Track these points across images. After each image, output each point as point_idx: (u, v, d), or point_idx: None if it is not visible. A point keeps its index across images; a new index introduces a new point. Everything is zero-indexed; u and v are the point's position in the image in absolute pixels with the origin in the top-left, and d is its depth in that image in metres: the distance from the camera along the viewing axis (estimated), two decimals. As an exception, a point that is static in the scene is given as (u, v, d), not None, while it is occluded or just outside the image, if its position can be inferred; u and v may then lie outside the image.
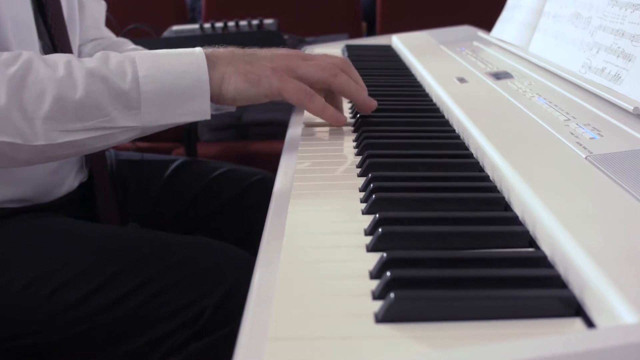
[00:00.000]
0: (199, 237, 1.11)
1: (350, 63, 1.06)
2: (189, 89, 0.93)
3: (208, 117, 0.95)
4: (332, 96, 1.07)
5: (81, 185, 1.26)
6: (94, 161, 1.26)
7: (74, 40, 1.23)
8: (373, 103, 1.06)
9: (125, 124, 0.92)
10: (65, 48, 1.16)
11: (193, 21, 3.30)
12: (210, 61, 0.95)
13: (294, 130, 1.08)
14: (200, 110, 0.95)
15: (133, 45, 1.36)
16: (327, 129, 1.07)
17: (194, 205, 1.39)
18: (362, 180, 0.81)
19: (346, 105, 1.20)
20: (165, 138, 2.82)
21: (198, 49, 0.97)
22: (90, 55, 1.21)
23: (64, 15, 1.18)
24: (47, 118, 0.88)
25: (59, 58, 0.92)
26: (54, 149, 0.91)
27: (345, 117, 1.03)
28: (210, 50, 0.98)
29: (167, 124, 0.95)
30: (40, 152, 0.91)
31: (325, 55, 1.05)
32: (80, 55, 1.31)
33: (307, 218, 0.71)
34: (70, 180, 1.22)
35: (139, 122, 0.93)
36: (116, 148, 1.39)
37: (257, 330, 0.51)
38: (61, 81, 0.89)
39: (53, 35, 1.14)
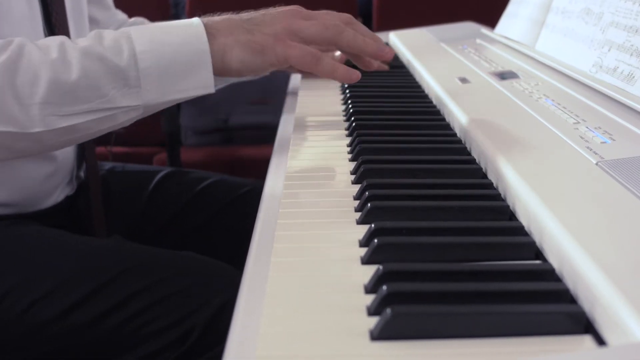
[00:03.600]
0: (186, 252, 1.11)
1: (354, 19, 1.07)
2: (190, 62, 0.94)
3: (212, 90, 0.97)
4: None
5: (67, 198, 1.26)
6: (88, 167, 1.26)
7: (81, 35, 1.25)
8: (389, 52, 1.07)
9: (126, 104, 0.93)
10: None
11: (176, 17, 3.30)
12: (209, 33, 0.96)
13: (284, 133, 1.08)
14: (203, 84, 0.96)
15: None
16: (320, 131, 1.07)
17: (180, 219, 1.39)
18: (356, 187, 0.81)
19: (341, 108, 1.20)
20: (147, 143, 2.82)
21: (196, 19, 0.98)
22: None
23: (67, 12, 1.20)
24: (44, 103, 0.89)
25: (51, 41, 0.93)
26: (53, 136, 0.92)
27: (359, 74, 1.04)
28: (207, 19, 0.98)
29: (170, 100, 0.96)
30: (39, 140, 0.92)
31: (327, 12, 1.06)
32: None
33: (297, 228, 0.70)
34: (58, 192, 1.22)
35: (140, 100, 0.94)
36: (98, 158, 1.39)
37: (244, 348, 0.51)
38: (54, 63, 0.90)
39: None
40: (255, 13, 1.02)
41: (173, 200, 1.40)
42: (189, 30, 0.96)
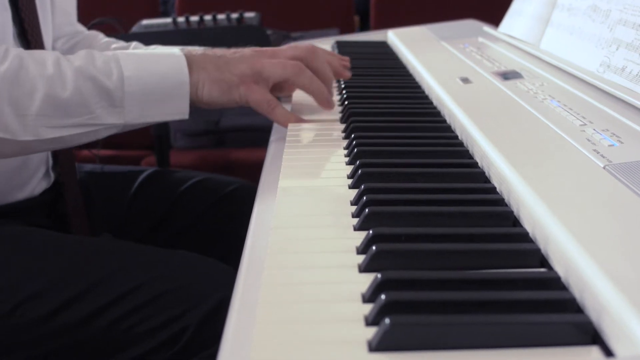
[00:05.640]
0: (179, 250, 1.12)
1: (316, 49, 1.20)
2: (171, 90, 1.07)
3: (186, 116, 1.09)
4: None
5: (45, 193, 1.26)
6: (62, 163, 1.27)
7: (47, 33, 1.27)
8: (330, 105, 1.17)
9: (109, 121, 1.05)
10: (38, 40, 1.20)
11: (165, 15, 3.30)
12: (189, 65, 1.08)
13: (278, 135, 1.08)
14: (180, 110, 1.09)
15: (105, 39, 1.44)
16: (315, 133, 1.08)
17: (166, 220, 1.39)
18: (354, 192, 0.81)
19: (338, 109, 1.20)
20: (135, 146, 2.82)
21: (177, 51, 1.11)
22: (63, 50, 1.35)
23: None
24: (38, 114, 0.99)
25: (46, 55, 1.03)
26: (39, 144, 1.03)
27: (299, 119, 1.14)
28: (187, 52, 1.11)
29: (148, 121, 1.08)
30: (26, 146, 1.02)
31: (290, 48, 1.19)
32: (53, 50, 1.37)
33: (292, 235, 0.70)
34: (32, 184, 1.23)
35: (122, 119, 1.05)
36: (80, 160, 1.40)
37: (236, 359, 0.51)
38: (51, 79, 1.00)
39: (25, 30, 1.18)
40: (227, 51, 1.15)
41: (158, 201, 1.41)
42: (172, 60, 1.08)
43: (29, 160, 1.21)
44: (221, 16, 2.29)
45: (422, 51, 1.52)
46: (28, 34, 1.18)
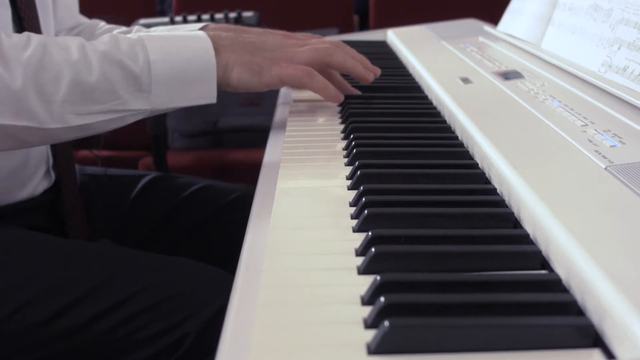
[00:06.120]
0: (178, 257, 1.11)
1: (343, 43, 1.22)
2: (198, 73, 1.06)
3: (214, 100, 1.09)
4: (329, 76, 1.20)
5: (45, 193, 1.26)
6: (61, 162, 1.27)
7: (47, 31, 1.27)
8: (370, 76, 1.21)
9: (137, 107, 1.04)
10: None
11: (162, 14, 3.30)
12: (215, 48, 1.08)
13: (276, 136, 1.08)
14: (207, 94, 1.08)
15: (107, 26, 1.44)
16: (314, 133, 1.07)
17: (166, 227, 1.39)
18: (353, 193, 0.81)
19: (337, 109, 1.20)
20: (132, 146, 2.82)
21: (202, 33, 1.10)
22: None
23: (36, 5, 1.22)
24: (64, 101, 0.98)
25: (70, 41, 1.02)
26: (66, 132, 1.01)
27: (343, 97, 1.17)
28: (212, 34, 1.10)
29: (175, 106, 1.07)
30: (52, 135, 1.01)
31: (319, 40, 1.20)
32: None
33: (290, 237, 0.70)
34: (33, 184, 1.23)
35: (149, 105, 1.04)
36: (78, 160, 1.39)
37: (233, 364, 0.51)
38: (76, 64, 0.99)
39: (24, 28, 1.17)
40: (257, 37, 1.15)
41: (158, 207, 1.40)
42: (198, 43, 1.07)
43: (29, 158, 1.21)
44: (219, 15, 2.29)
45: (422, 51, 1.52)
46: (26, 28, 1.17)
